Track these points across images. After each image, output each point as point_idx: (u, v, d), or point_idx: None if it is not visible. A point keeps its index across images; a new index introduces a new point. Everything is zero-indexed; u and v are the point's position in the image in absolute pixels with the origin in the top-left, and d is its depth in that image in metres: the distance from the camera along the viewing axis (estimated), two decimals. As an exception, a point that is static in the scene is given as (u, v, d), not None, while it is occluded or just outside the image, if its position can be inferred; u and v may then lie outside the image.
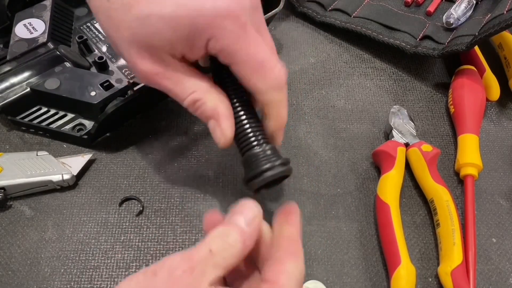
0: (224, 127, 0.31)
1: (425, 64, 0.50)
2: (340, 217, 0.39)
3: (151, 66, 0.29)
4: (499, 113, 0.47)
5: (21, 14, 0.44)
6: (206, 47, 0.28)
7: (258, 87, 0.30)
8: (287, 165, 0.31)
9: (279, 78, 0.30)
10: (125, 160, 0.41)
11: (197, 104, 0.30)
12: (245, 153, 0.31)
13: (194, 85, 0.30)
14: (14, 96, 0.40)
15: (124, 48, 0.29)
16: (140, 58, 0.29)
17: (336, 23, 0.52)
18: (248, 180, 0.31)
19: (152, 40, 0.28)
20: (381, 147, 0.40)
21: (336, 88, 0.48)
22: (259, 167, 0.30)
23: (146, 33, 0.28)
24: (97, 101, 0.39)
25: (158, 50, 0.29)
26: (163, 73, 0.30)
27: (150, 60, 0.29)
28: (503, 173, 0.42)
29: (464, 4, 0.50)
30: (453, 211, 0.36)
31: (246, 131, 0.31)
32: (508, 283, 0.36)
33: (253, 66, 0.29)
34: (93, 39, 0.46)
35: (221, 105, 0.30)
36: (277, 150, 0.32)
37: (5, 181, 0.37)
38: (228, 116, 0.31)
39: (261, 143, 0.31)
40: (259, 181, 0.30)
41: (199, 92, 0.30)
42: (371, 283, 0.35)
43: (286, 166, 0.31)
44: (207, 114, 0.31)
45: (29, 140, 0.41)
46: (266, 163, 0.30)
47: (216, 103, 0.30)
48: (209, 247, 0.23)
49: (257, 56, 0.29)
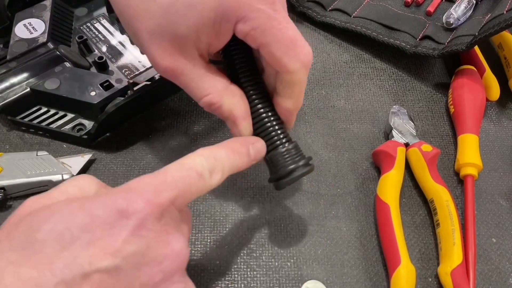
0: (241, 129, 0.31)
1: (425, 64, 0.50)
2: (340, 217, 0.39)
3: (171, 60, 0.29)
4: (499, 113, 0.47)
5: (21, 14, 0.44)
6: (233, 30, 0.28)
7: (290, 67, 0.29)
8: (311, 164, 0.32)
9: (309, 56, 0.29)
10: (125, 160, 0.41)
11: (212, 107, 0.30)
12: (269, 152, 0.32)
13: (210, 86, 0.30)
14: (14, 96, 0.40)
15: (145, 39, 0.28)
16: (160, 51, 0.28)
17: (336, 23, 0.52)
18: (275, 180, 0.32)
19: (177, 29, 0.27)
20: (381, 147, 0.40)
21: (336, 88, 0.48)
22: (285, 168, 0.31)
23: (170, 22, 0.27)
24: (97, 101, 0.39)
25: (182, 40, 0.28)
26: (181, 69, 0.29)
27: (171, 54, 0.28)
28: (503, 173, 0.42)
29: (464, 4, 0.50)
30: (453, 211, 0.36)
31: (268, 130, 0.31)
32: (508, 283, 0.36)
33: (285, 44, 0.28)
34: (93, 39, 0.46)
35: (237, 107, 0.30)
36: (298, 147, 0.32)
37: (5, 181, 0.37)
38: (245, 117, 0.31)
39: (283, 142, 0.31)
40: (287, 181, 0.31)
41: (215, 95, 0.30)
42: (371, 283, 0.35)
43: (310, 165, 0.32)
44: (223, 116, 0.31)
45: (29, 140, 0.41)
46: (291, 164, 0.31)
47: (232, 106, 0.30)
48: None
49: (288, 34, 0.28)
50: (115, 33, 0.46)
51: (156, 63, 0.29)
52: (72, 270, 0.20)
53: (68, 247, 0.20)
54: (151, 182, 0.23)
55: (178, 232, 0.24)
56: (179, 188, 0.24)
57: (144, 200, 0.22)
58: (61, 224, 0.21)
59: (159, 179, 0.24)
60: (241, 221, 0.38)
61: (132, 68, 0.43)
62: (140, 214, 0.22)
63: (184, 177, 0.25)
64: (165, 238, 0.23)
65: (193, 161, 0.26)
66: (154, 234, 0.22)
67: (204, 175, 0.26)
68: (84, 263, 0.20)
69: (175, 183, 0.24)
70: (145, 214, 0.22)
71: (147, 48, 0.29)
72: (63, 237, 0.20)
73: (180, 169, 0.25)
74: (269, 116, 0.31)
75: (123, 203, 0.22)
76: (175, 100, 0.45)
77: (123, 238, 0.21)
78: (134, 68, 0.43)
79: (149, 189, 0.23)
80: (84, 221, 0.21)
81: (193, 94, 0.30)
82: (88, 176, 0.26)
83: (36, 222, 0.21)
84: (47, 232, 0.21)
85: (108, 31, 0.47)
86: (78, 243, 0.20)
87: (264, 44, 0.28)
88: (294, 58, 0.28)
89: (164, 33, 0.28)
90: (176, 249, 0.23)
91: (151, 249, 0.22)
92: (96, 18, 0.48)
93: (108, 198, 0.22)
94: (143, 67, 0.43)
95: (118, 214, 0.22)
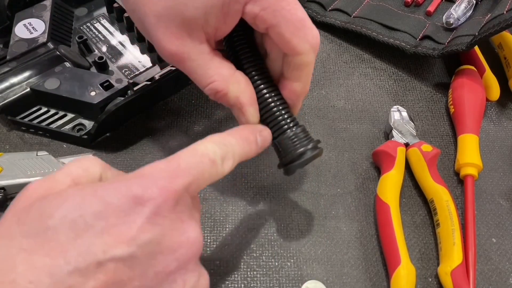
0: (248, 115, 0.30)
1: (425, 64, 0.50)
2: (340, 217, 0.39)
3: (178, 44, 0.28)
4: (499, 113, 0.47)
5: (21, 14, 0.44)
6: (242, 12, 0.28)
7: (300, 48, 0.29)
8: (319, 147, 0.32)
9: (317, 38, 0.29)
10: (125, 160, 0.41)
11: (218, 94, 0.30)
12: (277, 137, 0.31)
13: (215, 73, 0.29)
14: (14, 96, 0.40)
15: (152, 24, 0.28)
16: (167, 35, 0.28)
17: (336, 23, 0.52)
18: (285, 164, 0.32)
19: (186, 11, 0.27)
20: (381, 147, 0.40)
21: (336, 88, 0.48)
22: (295, 151, 0.31)
23: (179, 3, 0.27)
24: (97, 101, 0.39)
25: (190, 23, 0.28)
26: (188, 54, 0.29)
27: (178, 37, 0.28)
28: (503, 173, 0.42)
29: (464, 4, 0.50)
30: (453, 211, 0.36)
31: (275, 114, 0.31)
32: (508, 283, 0.36)
33: (295, 25, 0.28)
34: (93, 39, 0.46)
35: (243, 94, 0.30)
36: (306, 130, 0.32)
37: (5, 181, 0.37)
38: (252, 103, 0.30)
39: (291, 126, 0.31)
40: (296, 165, 0.31)
41: (220, 82, 0.29)
42: (371, 283, 0.35)
43: (319, 148, 0.32)
44: (229, 103, 0.30)
45: (29, 140, 0.41)
46: (300, 147, 0.31)
47: (238, 93, 0.30)
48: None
49: (298, 15, 0.28)
50: (115, 33, 0.46)
51: (163, 48, 0.29)
52: (86, 258, 0.19)
53: (82, 235, 0.20)
54: (165, 168, 0.23)
55: (192, 219, 0.24)
56: (193, 174, 0.23)
57: (159, 187, 0.22)
58: (74, 211, 0.20)
59: (173, 165, 0.23)
60: (241, 221, 0.38)
61: (132, 68, 0.43)
62: (155, 201, 0.21)
63: (197, 163, 0.24)
64: (180, 226, 0.23)
65: (206, 147, 0.25)
66: (169, 222, 0.22)
67: (217, 161, 0.25)
68: (98, 251, 0.20)
69: (189, 170, 0.23)
70: (160, 201, 0.21)
71: (154, 32, 0.29)
72: (76, 224, 0.20)
73: (193, 155, 0.25)
74: (275, 101, 0.31)
75: (138, 190, 0.21)
76: (175, 100, 0.45)
77: (138, 226, 0.21)
78: (134, 68, 0.43)
79: (164, 175, 0.22)
80: (97, 208, 0.21)
81: (198, 81, 0.30)
82: (91, 157, 0.25)
83: (49, 209, 0.21)
84: (60, 219, 0.20)
85: (108, 31, 0.47)
86: (92, 231, 0.20)
87: (274, 25, 0.28)
88: (303, 39, 0.28)
89: (172, 16, 0.27)
90: (191, 237, 0.23)
91: (166, 237, 0.22)
92: (96, 18, 0.48)
93: (122, 184, 0.22)
94: (143, 67, 0.43)
95: (133, 201, 0.21)
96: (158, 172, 0.23)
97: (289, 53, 0.29)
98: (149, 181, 0.22)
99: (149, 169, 0.23)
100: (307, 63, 0.30)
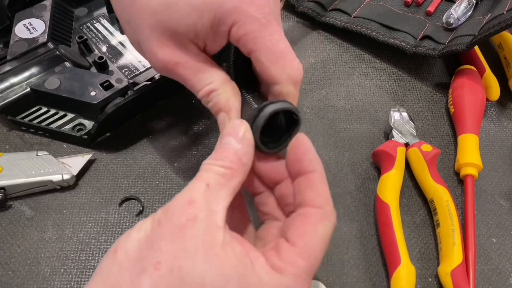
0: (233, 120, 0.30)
1: (425, 64, 0.50)
2: (340, 217, 0.39)
3: (171, 54, 0.29)
4: (499, 113, 0.47)
5: (21, 14, 0.44)
6: (228, 33, 0.28)
7: (277, 77, 0.29)
8: (291, 105, 0.28)
9: (298, 72, 0.30)
10: (125, 160, 0.41)
11: (211, 94, 0.30)
12: (250, 117, 0.28)
13: (211, 77, 0.30)
14: (14, 96, 0.40)
15: (145, 34, 0.29)
16: (160, 45, 0.29)
17: (336, 23, 0.52)
18: (252, 124, 0.27)
19: (177, 26, 0.28)
20: (381, 147, 0.40)
21: (336, 88, 0.48)
22: (257, 108, 0.27)
23: (171, 19, 0.28)
24: (97, 101, 0.39)
25: (182, 37, 0.29)
26: (183, 63, 0.30)
27: (171, 48, 0.29)
28: (503, 173, 0.42)
29: (464, 4, 0.50)
30: (453, 211, 0.36)
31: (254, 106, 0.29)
32: (508, 283, 0.36)
33: (274, 54, 0.28)
34: (93, 39, 0.46)
35: (234, 99, 0.30)
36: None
37: (5, 181, 0.37)
38: (238, 110, 0.30)
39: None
40: (261, 117, 0.27)
41: (215, 84, 0.30)
42: (371, 283, 0.35)
43: (289, 103, 0.28)
44: (219, 105, 0.30)
45: (29, 140, 0.41)
46: (266, 103, 0.27)
47: (230, 96, 0.30)
48: (205, 182, 0.23)
49: (279, 45, 0.29)
50: (115, 33, 0.46)
51: (156, 58, 0.30)
52: None
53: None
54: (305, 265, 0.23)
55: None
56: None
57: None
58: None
59: (309, 261, 0.23)
60: (241, 221, 0.38)
61: (132, 68, 0.43)
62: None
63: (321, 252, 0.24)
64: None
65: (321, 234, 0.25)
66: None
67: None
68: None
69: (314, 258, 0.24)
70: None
71: (148, 42, 0.29)
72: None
73: (316, 244, 0.24)
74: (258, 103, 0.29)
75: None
76: (175, 100, 0.45)
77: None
78: (134, 68, 0.44)
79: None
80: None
81: (193, 86, 0.31)
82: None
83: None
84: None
85: (108, 31, 0.47)
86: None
87: (254, 51, 0.29)
88: (281, 70, 0.29)
89: (165, 29, 0.28)
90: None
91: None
92: (96, 18, 0.48)
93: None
94: (143, 67, 0.44)
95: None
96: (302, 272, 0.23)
97: (268, 81, 0.30)
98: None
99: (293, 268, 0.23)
100: (286, 94, 0.30)
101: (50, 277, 0.35)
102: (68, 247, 0.36)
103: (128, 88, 0.40)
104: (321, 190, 0.26)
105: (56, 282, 0.34)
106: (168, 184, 0.40)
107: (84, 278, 0.35)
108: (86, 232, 0.37)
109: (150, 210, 0.38)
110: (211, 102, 0.31)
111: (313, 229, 0.24)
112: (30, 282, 0.34)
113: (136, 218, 0.38)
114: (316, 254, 0.23)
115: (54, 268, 0.35)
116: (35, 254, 0.36)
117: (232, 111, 0.30)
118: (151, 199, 0.39)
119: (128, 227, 0.37)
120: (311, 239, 0.24)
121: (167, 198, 0.39)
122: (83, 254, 0.36)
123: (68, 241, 0.36)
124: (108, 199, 0.39)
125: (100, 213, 0.38)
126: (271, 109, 0.27)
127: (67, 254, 0.36)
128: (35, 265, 0.35)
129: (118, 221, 0.38)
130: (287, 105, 0.28)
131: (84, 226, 0.37)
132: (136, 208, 0.38)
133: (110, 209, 0.38)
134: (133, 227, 0.22)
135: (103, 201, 0.38)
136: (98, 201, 0.38)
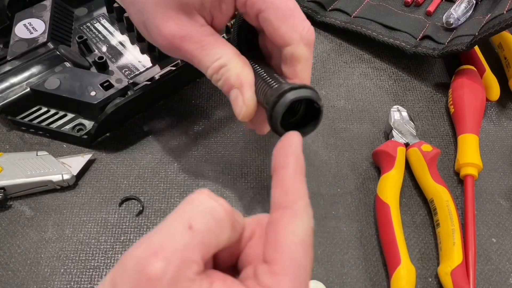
0: (247, 97, 0.29)
1: (425, 64, 0.50)
2: (340, 217, 0.39)
3: (176, 27, 0.28)
4: (499, 113, 0.47)
5: (21, 14, 0.44)
6: (235, 1, 0.28)
7: (288, 37, 0.28)
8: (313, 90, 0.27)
9: (309, 32, 0.28)
10: (125, 160, 0.41)
11: (221, 70, 0.29)
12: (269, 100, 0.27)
13: (219, 52, 0.29)
14: (14, 96, 0.40)
15: (150, 11, 0.28)
16: (166, 19, 0.28)
17: (336, 23, 0.52)
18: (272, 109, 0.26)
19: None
20: (381, 147, 0.40)
21: (336, 88, 0.48)
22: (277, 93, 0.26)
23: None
24: (97, 101, 0.39)
25: (188, 7, 0.28)
26: (189, 36, 0.28)
27: (176, 21, 0.28)
28: (503, 173, 0.42)
29: (464, 4, 0.50)
30: (453, 211, 0.36)
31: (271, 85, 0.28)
32: (508, 283, 0.36)
33: (283, 12, 0.27)
34: (93, 39, 0.46)
35: (245, 73, 0.29)
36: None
37: (5, 181, 0.37)
38: (251, 85, 0.29)
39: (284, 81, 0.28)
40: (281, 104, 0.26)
41: (224, 59, 0.29)
42: (371, 283, 0.35)
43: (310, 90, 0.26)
44: (230, 81, 0.29)
45: (29, 140, 0.41)
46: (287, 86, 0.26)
47: (240, 70, 0.29)
48: (188, 222, 0.19)
49: (288, 4, 0.28)
50: (115, 33, 0.46)
51: (162, 34, 0.29)
52: None
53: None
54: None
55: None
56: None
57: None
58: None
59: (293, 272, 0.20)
60: (241, 221, 0.38)
61: (132, 68, 0.43)
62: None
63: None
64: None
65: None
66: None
67: None
68: None
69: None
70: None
71: (152, 20, 0.29)
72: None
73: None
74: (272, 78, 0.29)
75: None
76: (175, 100, 0.45)
77: None
78: (134, 68, 0.43)
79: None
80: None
81: (202, 62, 0.29)
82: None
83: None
84: None
85: (108, 31, 0.47)
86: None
87: (262, 10, 0.27)
88: (292, 28, 0.28)
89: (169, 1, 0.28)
90: None
91: None
92: (96, 18, 0.48)
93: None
94: (143, 67, 0.43)
95: None
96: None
97: (279, 43, 0.28)
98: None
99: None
100: (298, 57, 0.28)
101: (50, 277, 0.35)
102: (68, 247, 0.36)
103: (128, 88, 0.40)
104: (289, 187, 0.22)
105: (56, 282, 0.34)
106: (168, 184, 0.40)
107: (84, 278, 0.35)
108: (86, 232, 0.37)
109: (150, 210, 0.38)
110: (221, 79, 0.29)
111: (285, 236, 0.20)
112: (30, 282, 0.34)
113: (136, 218, 0.38)
114: (298, 262, 0.20)
115: (54, 268, 0.35)
116: (35, 254, 0.36)
117: (245, 86, 0.28)
118: (151, 199, 0.39)
119: (128, 227, 0.37)
120: (287, 247, 0.20)
121: (167, 198, 0.39)
122: (83, 254, 0.36)
123: (68, 241, 0.36)
124: (108, 199, 0.39)
125: (100, 213, 0.38)
126: (292, 97, 0.25)
127: (67, 254, 0.36)
128: (35, 265, 0.35)
129: (118, 221, 0.38)
130: (308, 92, 0.26)
131: (84, 226, 0.37)
132: (136, 208, 0.38)
133: (110, 209, 0.38)
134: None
135: (103, 201, 0.38)
136: (98, 201, 0.38)
